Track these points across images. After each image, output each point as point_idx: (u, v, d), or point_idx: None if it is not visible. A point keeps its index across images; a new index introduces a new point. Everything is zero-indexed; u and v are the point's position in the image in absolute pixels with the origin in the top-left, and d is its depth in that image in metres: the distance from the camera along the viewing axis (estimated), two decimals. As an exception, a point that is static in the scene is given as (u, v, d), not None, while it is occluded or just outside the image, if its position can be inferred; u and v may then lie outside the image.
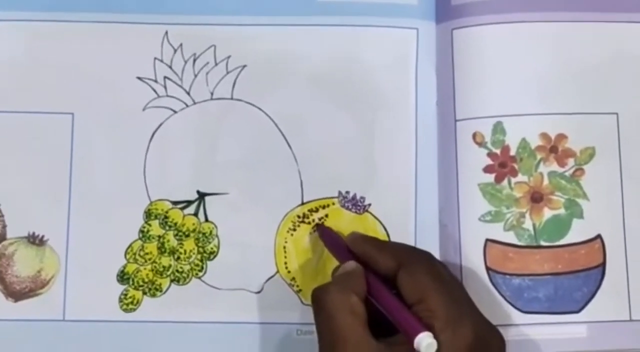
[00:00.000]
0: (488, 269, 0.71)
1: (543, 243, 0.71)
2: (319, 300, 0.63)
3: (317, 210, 0.72)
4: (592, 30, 0.73)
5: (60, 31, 0.74)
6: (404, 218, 0.72)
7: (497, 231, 0.71)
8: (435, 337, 0.59)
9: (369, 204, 0.72)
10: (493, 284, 0.70)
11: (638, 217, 0.71)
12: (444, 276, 0.64)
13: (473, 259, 0.71)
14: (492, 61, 0.73)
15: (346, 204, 0.72)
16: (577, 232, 0.71)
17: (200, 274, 0.71)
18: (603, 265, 0.70)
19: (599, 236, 0.71)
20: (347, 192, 0.72)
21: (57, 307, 0.70)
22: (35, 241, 0.71)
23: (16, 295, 0.71)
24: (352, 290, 0.62)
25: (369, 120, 0.73)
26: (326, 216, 0.72)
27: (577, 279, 0.70)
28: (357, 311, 0.61)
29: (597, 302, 0.70)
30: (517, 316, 0.70)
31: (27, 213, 0.71)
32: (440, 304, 0.61)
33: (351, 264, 0.65)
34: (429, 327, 0.59)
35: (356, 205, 0.72)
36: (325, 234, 0.71)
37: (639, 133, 0.72)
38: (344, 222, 0.72)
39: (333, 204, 0.72)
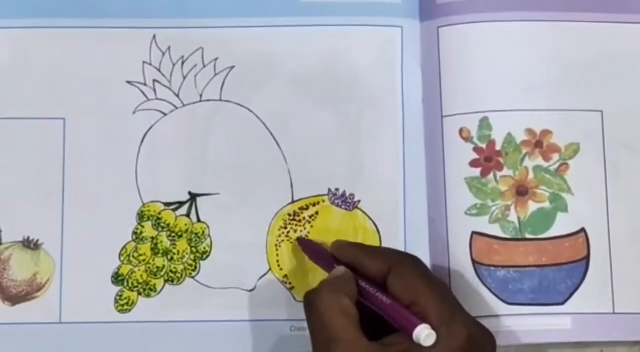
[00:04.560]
0: (474, 261, 0.72)
1: (528, 236, 0.72)
2: (311, 303, 0.64)
3: (307, 208, 0.73)
4: (577, 30, 0.74)
5: (49, 38, 0.74)
6: (394, 214, 0.73)
7: (483, 224, 0.72)
8: None
9: (359, 201, 0.73)
10: (479, 277, 0.72)
11: (622, 212, 0.73)
12: (433, 278, 0.66)
13: (460, 252, 0.72)
14: (478, 58, 0.74)
15: (336, 201, 0.73)
16: (562, 225, 0.72)
17: (194, 273, 0.72)
18: (587, 258, 0.72)
19: (583, 230, 0.72)
20: (337, 190, 0.73)
21: (53, 310, 0.71)
22: (30, 245, 0.72)
23: (13, 299, 0.71)
24: (343, 292, 0.63)
25: (357, 118, 0.74)
26: (317, 213, 0.73)
27: (562, 272, 0.72)
28: (349, 312, 0.62)
29: (582, 294, 0.72)
30: (502, 308, 0.72)
31: (21, 218, 0.72)
32: (432, 305, 0.62)
33: (340, 269, 0.67)
34: None
35: (346, 202, 0.73)
36: (307, 247, 0.72)
37: (623, 131, 0.74)
38: (334, 220, 0.73)
39: (323, 201, 0.73)
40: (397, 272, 0.64)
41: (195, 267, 0.72)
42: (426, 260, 0.72)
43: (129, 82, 0.74)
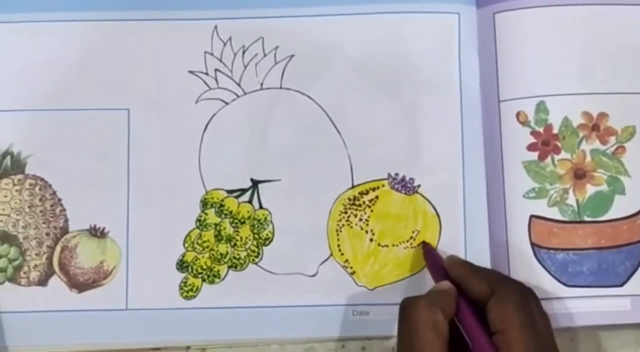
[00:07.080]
0: (533, 244, 0.73)
1: (586, 218, 0.73)
2: (405, 310, 0.64)
3: (367, 192, 0.74)
4: (632, 13, 0.75)
5: (114, 30, 0.75)
6: (453, 198, 0.74)
7: (542, 207, 0.73)
8: None
9: (419, 185, 0.74)
10: (538, 259, 0.72)
11: (679, 194, 0.74)
12: (532, 311, 0.65)
13: (518, 235, 0.73)
14: (534, 43, 0.74)
15: (396, 186, 0.74)
16: (620, 207, 0.73)
17: (257, 259, 0.73)
18: (646, 240, 0.74)
19: (640, 212, 0.74)
20: (397, 174, 0.74)
21: (119, 296, 0.72)
22: (97, 233, 0.73)
23: (80, 286, 0.73)
24: (440, 308, 0.63)
25: (415, 103, 0.75)
26: (376, 197, 0.74)
27: (620, 254, 0.72)
28: (440, 329, 0.62)
29: (640, 276, 0.73)
30: (561, 290, 0.72)
31: (88, 207, 0.73)
32: (520, 339, 0.62)
33: (445, 284, 0.67)
34: None
35: (406, 186, 0.74)
36: (428, 254, 0.72)
37: (678, 113, 0.75)
38: (394, 204, 0.74)
39: (383, 186, 0.74)
40: (498, 297, 0.64)
41: (258, 254, 0.73)
42: (485, 243, 0.73)
43: (191, 72, 0.75)
